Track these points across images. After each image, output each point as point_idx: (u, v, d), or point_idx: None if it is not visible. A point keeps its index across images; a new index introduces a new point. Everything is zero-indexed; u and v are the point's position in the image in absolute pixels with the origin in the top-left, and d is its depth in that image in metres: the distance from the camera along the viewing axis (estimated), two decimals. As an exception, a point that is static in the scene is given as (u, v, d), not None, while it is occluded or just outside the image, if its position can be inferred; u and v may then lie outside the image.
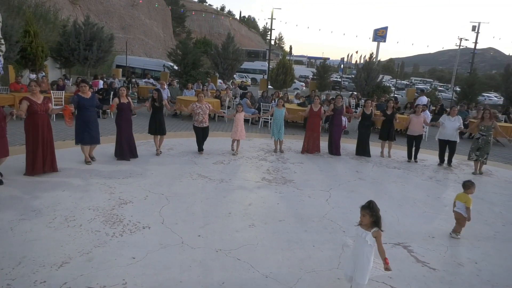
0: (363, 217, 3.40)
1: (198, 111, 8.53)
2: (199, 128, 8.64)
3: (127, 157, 7.71)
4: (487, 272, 4.42)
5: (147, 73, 21.10)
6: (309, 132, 9.68)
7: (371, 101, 10.32)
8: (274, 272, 4.01)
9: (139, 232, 4.69)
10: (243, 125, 9.12)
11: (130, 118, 7.91)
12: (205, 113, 8.58)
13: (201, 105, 8.57)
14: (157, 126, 8.30)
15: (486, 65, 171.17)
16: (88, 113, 7.14)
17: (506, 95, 21.37)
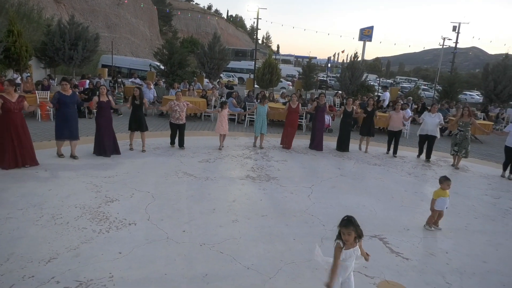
0: (349, 236, 3.14)
1: (175, 108, 8.93)
2: (175, 125, 9.07)
3: (107, 153, 7.92)
4: (457, 261, 4.70)
5: (134, 72, 21.09)
6: (289, 128, 10.28)
7: (352, 99, 10.93)
8: (255, 263, 4.21)
9: (125, 228, 4.83)
10: (227, 121, 9.55)
11: (110, 116, 8.20)
12: (182, 111, 8.97)
13: (179, 103, 8.98)
14: (137, 123, 8.57)
15: (470, 64, 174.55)
16: (68, 110, 7.42)
17: (485, 93, 22.03)
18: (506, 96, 20.87)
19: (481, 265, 4.65)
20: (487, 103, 21.15)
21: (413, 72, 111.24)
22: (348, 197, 6.70)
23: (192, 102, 13.20)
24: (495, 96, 21.12)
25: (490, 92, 21.36)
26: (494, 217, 6.39)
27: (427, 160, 10.03)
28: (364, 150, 10.64)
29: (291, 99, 10.57)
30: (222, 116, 9.39)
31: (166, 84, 18.22)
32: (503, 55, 22.74)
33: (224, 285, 3.76)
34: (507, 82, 20.76)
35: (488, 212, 6.59)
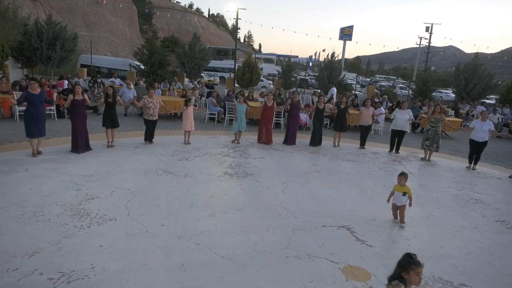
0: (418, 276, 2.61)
1: (149, 105, 9.45)
2: (149, 121, 9.56)
3: (80, 151, 8.26)
4: (416, 247, 5.12)
5: (113, 72, 21.01)
6: (262, 125, 10.85)
7: (323, 97, 11.93)
8: (230, 253, 4.51)
9: (106, 223, 5.05)
10: (193, 117, 10.07)
11: (85, 114, 8.56)
12: (155, 108, 9.51)
13: (153, 100, 9.53)
14: (110, 120, 8.96)
15: (447, 63, 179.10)
16: (36, 109, 7.68)
17: (457, 91, 22.93)
18: (476, 94, 21.80)
19: (438, 250, 5.08)
20: (459, 100, 22.07)
21: (392, 70, 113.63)
22: (321, 191, 7.07)
23: (173, 101, 13.40)
24: (466, 94, 22.03)
25: (462, 90, 22.27)
26: (455, 207, 6.87)
27: (397, 152, 10.95)
28: (337, 145, 11.30)
29: (266, 98, 11.09)
30: (188, 113, 9.90)
31: (146, 84, 18.28)
32: (473, 56, 23.70)
33: (199, 273, 4.05)
34: (477, 80, 21.69)
35: (450, 203, 7.08)
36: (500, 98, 22.78)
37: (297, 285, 3.97)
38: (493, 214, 6.68)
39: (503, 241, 5.57)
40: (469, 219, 6.33)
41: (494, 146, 13.27)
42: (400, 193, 5.69)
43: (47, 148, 8.33)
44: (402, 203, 5.72)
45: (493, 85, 22.47)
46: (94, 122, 11.20)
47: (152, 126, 9.66)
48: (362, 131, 11.36)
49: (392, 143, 11.05)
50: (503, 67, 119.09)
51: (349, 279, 4.16)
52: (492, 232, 5.86)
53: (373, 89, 24.03)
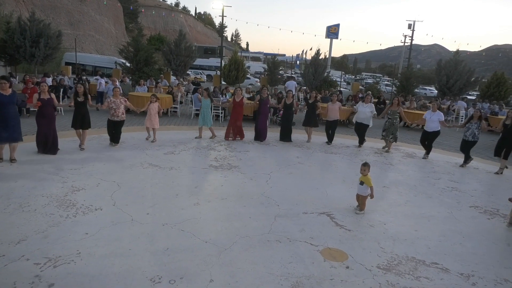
0: None
1: (111, 105, 8.81)
2: (111, 121, 8.87)
3: (38, 150, 7.77)
4: (392, 230, 5.36)
5: (98, 70, 20.89)
6: (232, 120, 10.60)
7: (292, 92, 11.82)
8: (213, 238, 4.67)
9: (91, 213, 5.15)
10: (157, 114, 9.72)
11: (53, 114, 7.97)
12: (118, 108, 8.83)
13: (115, 100, 8.88)
14: (80, 121, 8.37)
15: (432, 61, 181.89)
16: (6, 111, 6.90)
17: (439, 87, 23.49)
18: (457, 89, 22.36)
19: (413, 233, 5.33)
20: (441, 96, 22.62)
21: (378, 68, 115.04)
22: (303, 181, 7.28)
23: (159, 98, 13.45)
24: (448, 89, 22.57)
25: (443, 86, 22.81)
26: (432, 194, 7.16)
27: (359, 146, 11.08)
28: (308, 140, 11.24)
29: (235, 93, 10.84)
30: (151, 110, 9.58)
31: (132, 81, 18.25)
32: (454, 53, 24.27)
33: (183, 256, 4.19)
34: (458, 76, 22.24)
35: (427, 190, 7.37)
36: (481, 93, 23.43)
37: (277, 265, 4.15)
38: (467, 200, 6.98)
39: (475, 225, 5.86)
40: (444, 205, 6.61)
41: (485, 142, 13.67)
42: (359, 182, 5.85)
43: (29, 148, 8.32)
44: (361, 193, 5.83)
45: (473, 81, 23.08)
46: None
47: (113, 127, 8.88)
48: (328, 126, 11.16)
49: (358, 135, 11.15)
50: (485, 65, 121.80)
51: (327, 259, 4.36)
52: (465, 217, 6.14)
53: (358, 85, 24.53)
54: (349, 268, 4.23)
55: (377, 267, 4.30)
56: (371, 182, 5.80)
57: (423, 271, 4.31)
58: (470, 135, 9.44)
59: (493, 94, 22.13)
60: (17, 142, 7.17)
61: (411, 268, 4.34)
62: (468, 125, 9.54)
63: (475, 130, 9.40)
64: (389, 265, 4.37)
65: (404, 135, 13.69)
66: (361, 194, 5.87)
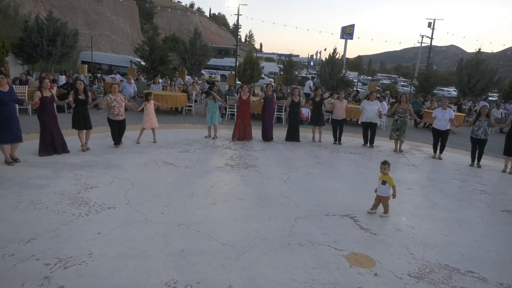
0: None
1: (113, 104, 8.26)
2: (114, 121, 8.32)
3: (57, 151, 7.44)
4: (421, 235, 5.02)
5: (114, 69, 20.95)
6: (239, 120, 10.11)
7: (298, 90, 11.25)
8: (230, 240, 4.41)
9: (104, 212, 4.96)
10: (154, 113, 9.19)
11: (55, 112, 7.58)
12: (120, 106, 8.35)
13: (116, 98, 8.32)
14: (83, 121, 7.85)
15: (449, 62, 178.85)
16: (7, 109, 6.45)
17: (460, 87, 22.80)
18: (479, 90, 21.65)
19: (443, 238, 4.97)
20: (461, 96, 21.94)
21: (393, 69, 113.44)
22: (323, 182, 6.97)
23: (173, 96, 13.32)
24: (469, 90, 21.88)
25: (464, 86, 22.12)
26: (460, 197, 6.76)
27: (371, 146, 10.57)
28: (318, 139, 10.81)
29: (242, 91, 10.30)
30: (149, 109, 9.01)
31: (146, 79, 18.21)
32: (475, 52, 23.55)
33: (199, 259, 3.95)
34: (479, 76, 21.54)
35: (455, 193, 6.97)
36: (503, 93, 22.64)
37: (300, 271, 3.87)
38: (498, 204, 6.57)
39: (509, 230, 5.45)
40: (475, 209, 6.22)
41: (497, 140, 13.12)
42: (380, 181, 5.51)
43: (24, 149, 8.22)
44: (383, 194, 5.48)
45: (496, 81, 22.32)
46: (95, 117, 11.10)
47: (118, 127, 8.39)
48: (336, 125, 10.74)
49: (365, 136, 10.68)
50: (505, 66, 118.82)
51: (353, 265, 4.06)
52: (498, 222, 5.74)
53: (375, 85, 24.03)
54: (378, 275, 3.92)
55: (408, 275, 3.97)
56: (393, 181, 5.48)
57: (458, 280, 3.96)
58: (482, 133, 9.10)
59: (516, 95, 21.33)
60: (19, 142, 6.78)
61: (445, 277, 4.00)
62: (478, 123, 9.14)
63: (486, 127, 9.10)
64: (421, 273, 4.04)
65: (424, 135, 13.23)
66: (383, 195, 5.52)
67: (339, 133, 10.74)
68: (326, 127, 12.88)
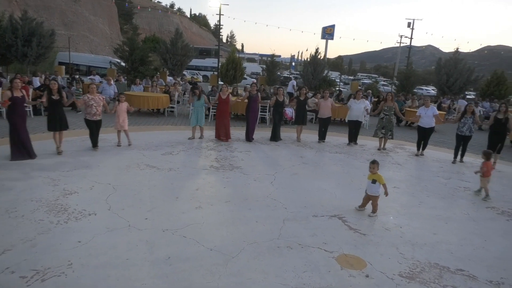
0: None
1: (90, 103, 7.92)
2: (91, 122, 8.01)
3: (26, 157, 7.01)
4: (409, 234, 5.00)
5: (93, 70, 20.42)
6: (219, 119, 10.02)
7: (283, 89, 11.24)
8: (218, 245, 4.27)
9: (84, 218, 4.73)
10: (126, 115, 8.74)
11: (25, 113, 7.30)
12: (98, 105, 8.02)
13: (94, 97, 7.99)
14: (59, 122, 7.56)
15: (426, 62, 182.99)
16: None
17: (439, 86, 23.25)
18: (457, 88, 22.12)
19: (432, 237, 4.96)
20: (440, 95, 22.37)
21: (373, 69, 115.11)
22: (310, 182, 6.89)
23: (155, 97, 13.05)
24: (448, 88, 22.33)
25: (443, 85, 22.56)
26: (445, 195, 6.81)
27: (355, 143, 10.69)
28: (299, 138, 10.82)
29: (221, 90, 10.18)
30: (120, 111, 8.56)
31: (127, 80, 17.82)
32: (453, 51, 24.06)
33: (186, 266, 3.79)
34: (458, 75, 22.01)
35: (439, 191, 7.01)
36: (480, 92, 23.22)
37: (291, 275, 3.76)
38: (482, 201, 6.64)
39: (495, 227, 5.51)
40: (460, 206, 6.27)
41: (478, 138, 13.37)
42: (369, 181, 5.47)
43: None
44: (374, 193, 5.45)
45: (473, 80, 22.86)
46: (73, 119, 10.74)
47: (96, 128, 8.10)
48: (321, 124, 10.81)
49: (351, 135, 10.76)
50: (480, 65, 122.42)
51: (344, 267, 3.98)
52: (483, 219, 5.79)
53: (357, 84, 24.29)
54: (369, 277, 3.85)
55: (399, 275, 3.93)
56: (383, 179, 5.44)
57: (449, 279, 3.94)
58: (467, 130, 9.32)
59: (493, 93, 21.90)
60: None
61: (436, 276, 3.97)
62: (463, 120, 9.35)
63: (471, 124, 9.32)
64: (412, 272, 4.00)
65: (407, 134, 13.38)
66: (373, 194, 5.48)
67: (324, 131, 10.83)
68: (310, 126, 12.88)
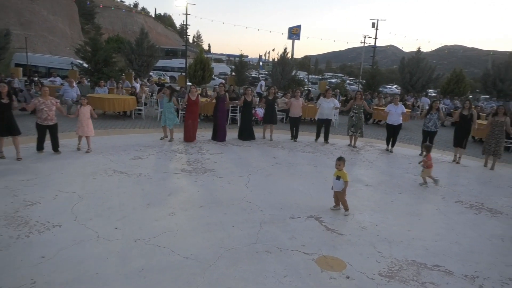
0: None
1: (41, 107, 7.53)
2: (42, 126, 7.63)
3: None
4: (385, 231, 5.03)
5: (53, 71, 19.46)
6: (189, 121, 9.84)
7: (251, 89, 11.27)
8: (194, 253, 4.09)
9: (48, 231, 4.40)
10: (89, 120, 8.25)
11: None
12: (50, 110, 7.61)
13: (45, 101, 7.61)
14: (6, 126, 7.15)
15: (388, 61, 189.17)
16: None
17: (402, 84, 24.04)
18: (420, 86, 22.96)
19: (407, 234, 5.02)
20: (404, 93, 23.13)
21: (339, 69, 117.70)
22: (284, 183, 6.83)
23: (121, 100, 12.57)
24: (411, 86, 23.12)
25: (407, 84, 23.35)
26: (415, 191, 6.96)
27: (326, 142, 10.85)
28: (269, 138, 10.84)
29: (190, 91, 10.05)
30: (82, 115, 8.09)
31: (90, 82, 17.10)
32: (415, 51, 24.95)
33: (162, 278, 3.60)
34: (420, 73, 22.85)
35: (410, 187, 7.16)
36: (441, 89, 24.22)
37: (271, 281, 3.66)
38: (451, 195, 6.84)
39: (465, 220, 5.67)
40: (431, 202, 6.42)
41: (442, 134, 13.88)
42: (334, 177, 5.49)
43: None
44: (338, 189, 5.47)
45: (435, 78, 23.81)
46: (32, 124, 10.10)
47: (50, 132, 7.71)
48: (292, 123, 10.95)
49: (318, 133, 10.96)
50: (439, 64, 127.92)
51: (324, 270, 3.93)
52: (453, 213, 5.95)
53: (325, 84, 24.67)
54: (350, 278, 3.82)
55: (378, 274, 3.92)
56: (347, 177, 5.44)
57: (427, 275, 3.98)
58: (432, 125, 9.72)
59: (453, 90, 22.90)
60: None
61: (414, 273, 4.00)
62: (429, 116, 9.75)
63: (436, 120, 9.69)
64: (391, 271, 4.01)
65: (375, 132, 13.68)
66: (337, 190, 5.49)
67: (296, 130, 10.91)
68: (281, 126, 12.88)
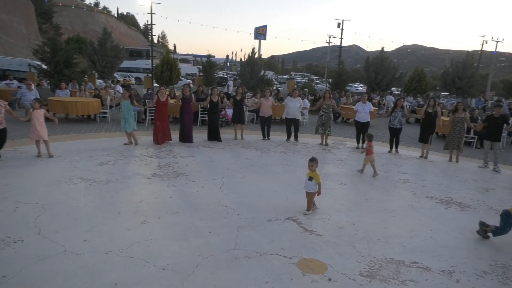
0: None
1: None
2: None
3: None
4: (362, 230, 5.04)
5: (8, 74, 18.34)
6: (158, 122, 9.61)
7: (217, 90, 11.28)
8: (171, 263, 3.90)
9: (9, 247, 4.05)
10: (44, 123, 7.82)
11: None
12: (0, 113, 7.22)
13: None
14: None
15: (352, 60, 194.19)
16: None
17: (368, 83, 24.68)
18: (385, 84, 23.65)
19: (383, 231, 5.06)
20: (370, 91, 23.76)
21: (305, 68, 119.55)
22: (259, 185, 6.73)
23: (85, 102, 12.01)
24: (376, 85, 23.78)
25: (372, 82, 23.98)
26: (388, 188, 7.08)
27: (296, 140, 10.98)
28: (240, 137, 10.92)
29: (159, 92, 9.82)
30: (36, 118, 7.64)
31: (50, 85, 16.26)
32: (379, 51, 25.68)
33: (137, 292, 3.39)
34: (385, 72, 23.54)
35: (382, 184, 7.28)
36: (404, 87, 25.09)
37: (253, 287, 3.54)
38: (421, 191, 7.01)
39: (436, 216, 5.81)
40: (403, 198, 6.54)
41: (408, 131, 14.33)
42: (307, 178, 5.46)
43: None
44: (309, 190, 5.43)
45: (398, 77, 24.62)
46: None
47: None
48: (263, 123, 11.08)
49: (288, 132, 11.07)
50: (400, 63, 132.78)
51: (306, 273, 3.85)
52: (425, 208, 6.09)
53: (293, 83, 24.91)
54: (332, 280, 3.77)
55: (360, 274, 3.90)
56: (319, 178, 5.41)
57: (406, 273, 4.00)
58: (397, 122, 10.05)
59: (415, 88, 23.77)
60: None
61: (394, 272, 4.01)
62: (394, 114, 10.10)
63: (401, 117, 10.06)
64: (371, 270, 4.00)
65: (344, 130, 13.90)
66: (309, 191, 5.45)
67: (267, 129, 10.96)
68: (252, 126, 12.80)
